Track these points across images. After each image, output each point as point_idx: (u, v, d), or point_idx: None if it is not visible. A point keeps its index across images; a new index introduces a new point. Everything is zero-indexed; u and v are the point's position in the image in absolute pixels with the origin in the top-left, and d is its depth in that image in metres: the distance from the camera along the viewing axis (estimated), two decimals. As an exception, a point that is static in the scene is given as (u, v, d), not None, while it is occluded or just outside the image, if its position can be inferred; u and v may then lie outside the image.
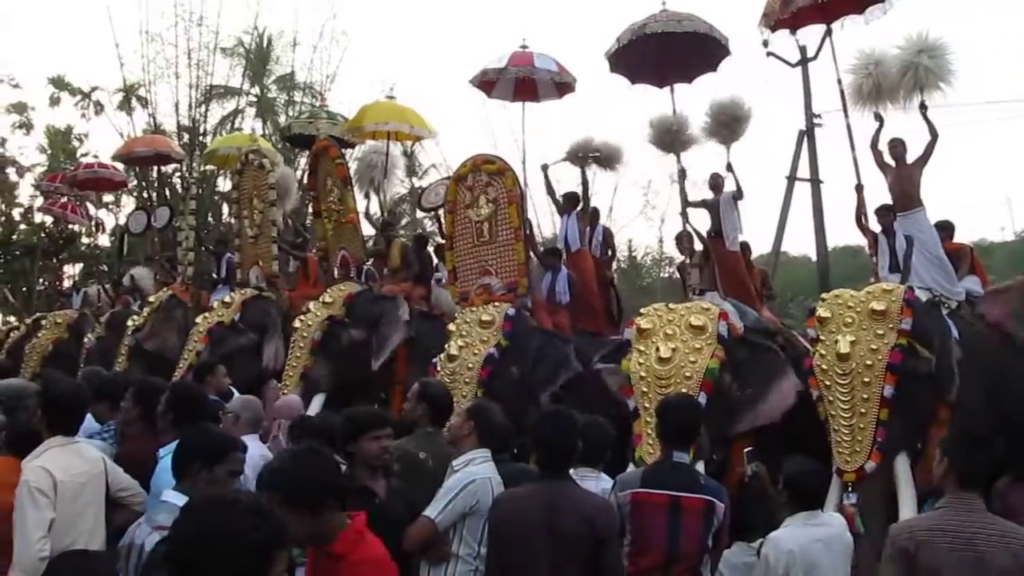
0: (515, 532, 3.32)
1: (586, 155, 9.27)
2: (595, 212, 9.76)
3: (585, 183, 9.38)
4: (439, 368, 6.92)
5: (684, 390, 5.59)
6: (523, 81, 9.38)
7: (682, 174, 7.92)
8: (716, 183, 8.22)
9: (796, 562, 3.66)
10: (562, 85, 9.55)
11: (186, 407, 4.05)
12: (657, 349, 5.78)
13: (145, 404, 4.32)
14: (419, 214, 25.25)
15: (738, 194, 8.04)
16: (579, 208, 9.16)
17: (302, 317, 7.82)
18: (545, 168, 9.26)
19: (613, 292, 9.22)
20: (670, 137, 7.88)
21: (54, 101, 26.33)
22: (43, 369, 9.73)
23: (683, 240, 7.98)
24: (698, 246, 7.90)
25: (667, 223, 27.62)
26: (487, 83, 9.38)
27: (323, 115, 13.00)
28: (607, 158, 9.37)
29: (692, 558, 3.60)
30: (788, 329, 7.33)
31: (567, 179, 9.88)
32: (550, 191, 9.41)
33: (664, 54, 7.47)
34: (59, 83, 25.97)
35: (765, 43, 16.02)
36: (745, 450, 4.87)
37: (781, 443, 5.79)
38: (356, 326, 7.70)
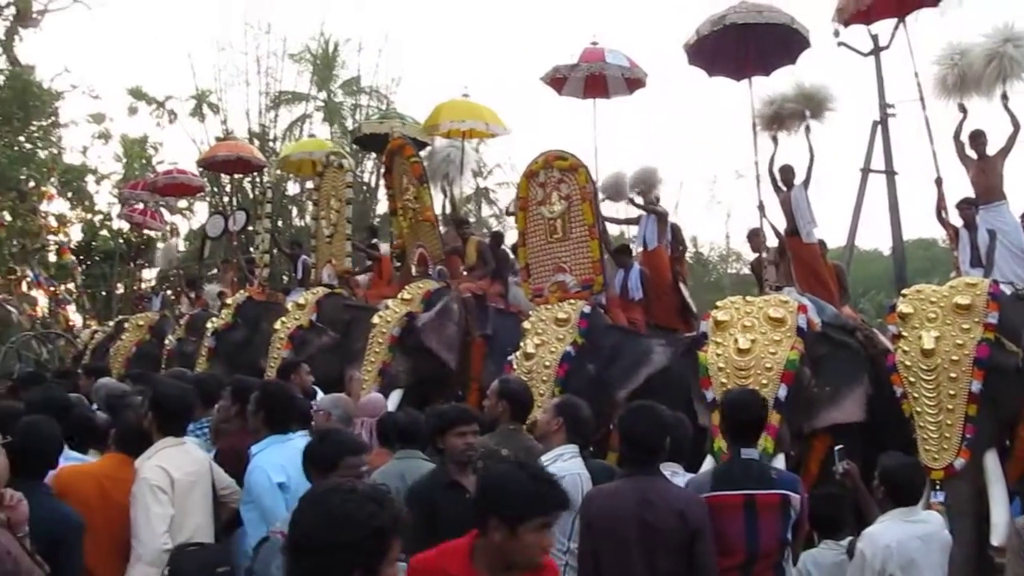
0: (608, 528, 3.34)
1: (625, 196, 9.26)
2: (664, 215, 9.73)
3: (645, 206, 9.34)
4: (515, 366, 6.96)
5: (764, 381, 5.55)
6: (593, 78, 9.38)
7: (771, 162, 7.81)
8: (787, 176, 8.10)
9: (893, 558, 3.61)
10: (633, 81, 9.53)
11: (277, 406, 4.18)
12: (735, 341, 5.72)
13: (243, 402, 4.47)
14: (485, 212, 25.48)
15: (807, 181, 7.91)
16: (657, 209, 9.16)
17: (381, 313, 7.88)
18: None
19: (683, 289, 9.15)
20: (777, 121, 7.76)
21: (132, 111, 27.14)
22: (128, 369, 10.00)
23: (757, 236, 7.88)
24: (772, 242, 7.79)
25: (733, 218, 27.37)
26: (558, 80, 9.40)
27: (394, 115, 13.18)
28: (647, 186, 9.31)
29: (772, 555, 3.57)
30: (868, 326, 7.19)
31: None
32: (613, 221, 9.43)
33: (743, 46, 7.37)
34: (137, 93, 26.76)
35: (836, 33, 15.72)
36: (836, 448, 4.79)
37: (861, 440, 5.74)
38: None
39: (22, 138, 16.97)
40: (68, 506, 3.45)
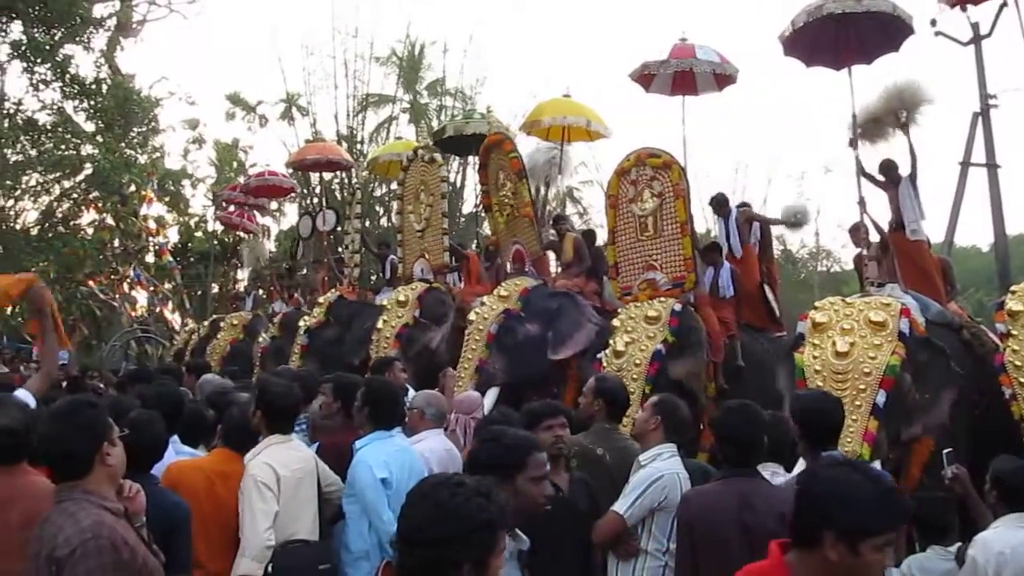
0: (708, 530, 3.29)
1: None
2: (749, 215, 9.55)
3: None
4: (605, 364, 6.93)
5: (862, 386, 5.42)
6: (682, 74, 9.23)
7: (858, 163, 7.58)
8: (889, 172, 7.83)
9: (1007, 565, 3.45)
10: (722, 77, 9.34)
11: (382, 403, 4.25)
12: (834, 343, 5.58)
13: (344, 399, 4.55)
14: (569, 210, 25.48)
15: (913, 176, 7.64)
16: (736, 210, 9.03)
17: (478, 310, 7.89)
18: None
19: (768, 293, 8.94)
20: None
21: (230, 116, 28.02)
22: (224, 367, 10.29)
23: (858, 232, 7.65)
24: (874, 237, 7.55)
25: (822, 214, 26.73)
26: (646, 77, 9.29)
27: (476, 115, 13.25)
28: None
29: None
30: (975, 323, 6.92)
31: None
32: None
33: (842, 35, 7.16)
34: (235, 99, 27.61)
35: (933, 22, 15.23)
36: (945, 451, 4.62)
37: (965, 443, 5.54)
38: (531, 321, 7.73)
39: (123, 144, 17.63)
40: (177, 495, 3.56)
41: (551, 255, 9.68)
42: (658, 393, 4.61)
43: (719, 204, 9.03)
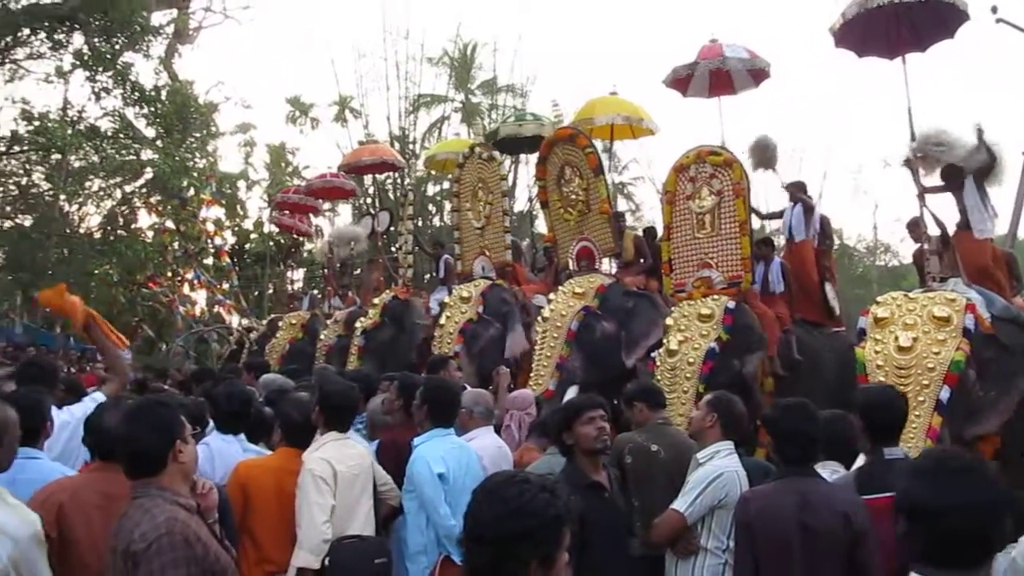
0: (767, 530, 3.26)
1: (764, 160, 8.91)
2: (810, 205, 9.38)
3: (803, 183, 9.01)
4: (658, 363, 6.89)
5: (926, 382, 5.35)
6: (717, 74, 9.11)
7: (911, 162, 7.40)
8: (951, 173, 7.62)
9: None
10: (757, 72, 9.21)
11: (441, 401, 4.31)
12: (896, 338, 5.50)
13: (407, 397, 4.64)
14: (621, 206, 25.38)
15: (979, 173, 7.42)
16: (804, 199, 8.87)
17: (552, 307, 7.80)
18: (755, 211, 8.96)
19: (828, 289, 8.77)
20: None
21: (290, 119, 28.48)
22: (283, 366, 10.44)
23: (917, 226, 7.49)
24: (935, 231, 7.39)
25: (881, 208, 26.23)
26: (679, 81, 9.17)
27: (529, 116, 13.23)
28: (760, 160, 8.95)
29: None
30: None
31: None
32: (755, 212, 9.12)
33: (894, 24, 7.01)
34: (294, 103, 28.06)
35: (994, 9, 14.79)
36: None
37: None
38: (609, 319, 7.66)
39: (182, 149, 18.01)
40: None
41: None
42: (712, 392, 4.56)
43: (797, 188, 8.88)
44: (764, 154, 8.76)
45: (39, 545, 2.76)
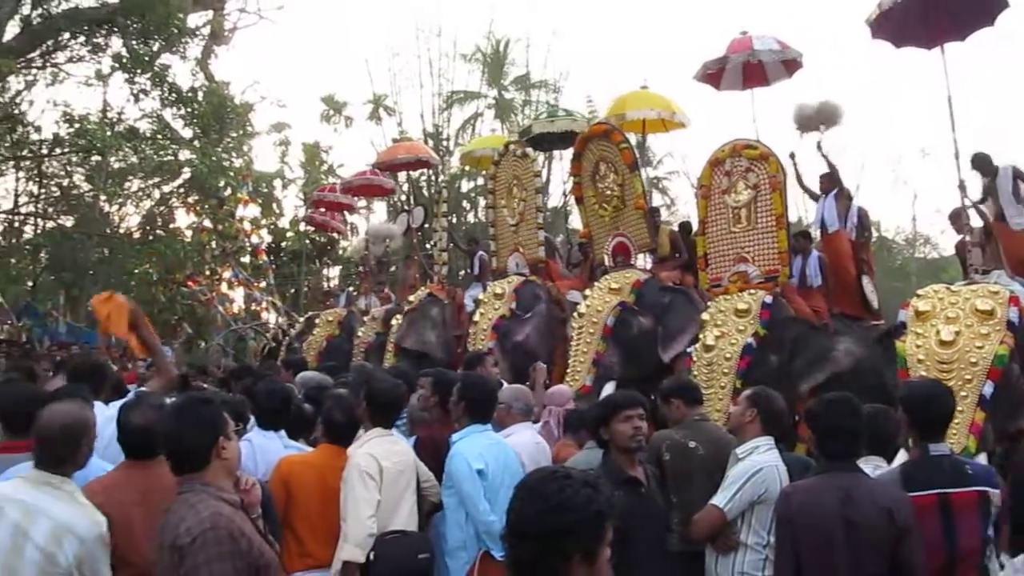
0: (809, 526, 3.23)
1: (808, 121, 8.76)
2: (849, 194, 9.27)
3: (832, 166, 8.91)
4: (694, 358, 6.85)
5: (968, 376, 5.25)
6: (750, 67, 9.04)
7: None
8: (983, 165, 7.52)
9: None
10: (789, 62, 9.13)
11: (478, 397, 4.33)
12: (938, 332, 5.41)
13: (443, 393, 4.66)
14: (657, 201, 25.28)
15: (1016, 169, 7.34)
16: (837, 189, 8.76)
17: (588, 303, 7.76)
18: (792, 156, 8.87)
19: (866, 283, 8.65)
20: None
21: (325, 118, 28.72)
22: (320, 363, 10.51)
23: (959, 218, 7.38)
24: (976, 223, 7.28)
25: (920, 199, 25.84)
26: (711, 76, 9.11)
27: (561, 112, 13.21)
28: (825, 117, 8.81)
29: (974, 555, 3.35)
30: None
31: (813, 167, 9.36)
32: (799, 180, 9.01)
33: (932, 13, 6.90)
34: (329, 101, 28.30)
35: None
36: None
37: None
38: (645, 314, 7.61)
39: (219, 149, 18.23)
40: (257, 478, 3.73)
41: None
42: (750, 387, 4.52)
43: (828, 179, 8.81)
44: (833, 113, 8.72)
45: (104, 546, 2.83)
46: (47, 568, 2.71)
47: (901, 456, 4.15)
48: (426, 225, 13.60)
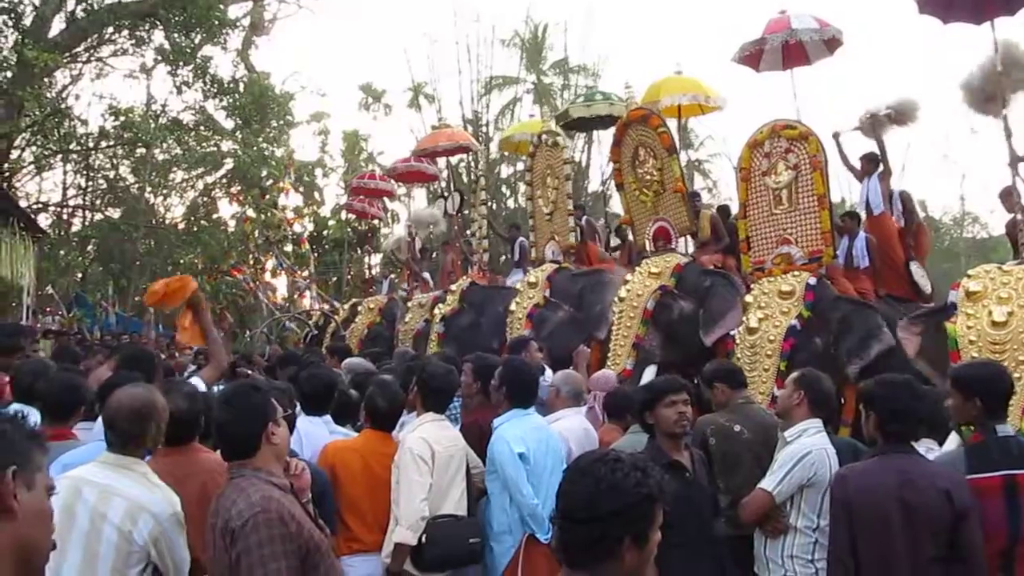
0: (867, 508, 3.19)
1: (879, 122, 8.66)
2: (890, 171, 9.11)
3: (882, 148, 8.76)
4: (738, 341, 6.81)
5: (1022, 357, 5.15)
6: (789, 46, 8.90)
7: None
8: None
9: None
10: (830, 41, 8.97)
11: (519, 381, 4.34)
12: (990, 313, 5.30)
13: (483, 379, 4.68)
14: (699, 183, 25.07)
15: None
16: (880, 169, 8.61)
17: (628, 287, 7.76)
18: (836, 136, 8.72)
19: (915, 269, 8.50)
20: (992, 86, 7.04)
21: (363, 106, 28.90)
22: (362, 350, 10.58)
23: (1010, 196, 7.20)
24: (1028, 201, 7.10)
25: (968, 179, 25.29)
26: (750, 57, 8.99)
27: (598, 96, 13.14)
28: (901, 115, 8.69)
29: None
30: None
31: (857, 146, 9.22)
32: (845, 160, 8.88)
33: (982, -15, 6.75)
34: (367, 90, 28.47)
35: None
36: None
37: None
38: (686, 298, 7.57)
39: (260, 139, 18.42)
40: (316, 465, 3.78)
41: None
42: (794, 370, 4.47)
43: (869, 161, 8.68)
44: (911, 110, 8.66)
45: (179, 525, 2.88)
46: (124, 547, 2.77)
47: (953, 439, 4.09)
48: (464, 211, 13.63)
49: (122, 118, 17.18)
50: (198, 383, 4.36)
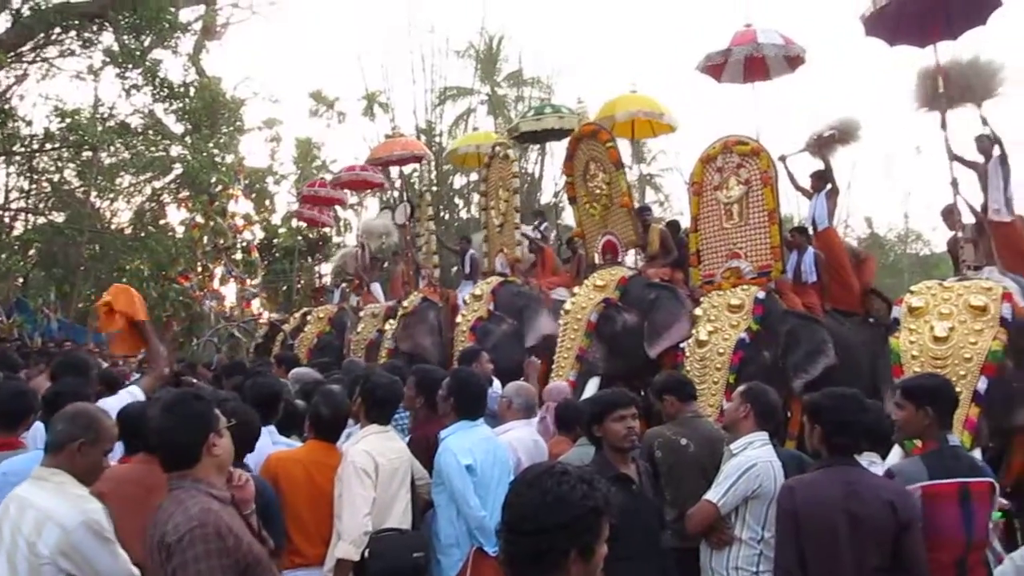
0: (814, 519, 3.23)
1: (824, 143, 8.83)
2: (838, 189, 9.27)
3: (829, 168, 8.91)
4: (687, 354, 6.87)
5: (963, 372, 5.29)
6: (752, 60, 9.01)
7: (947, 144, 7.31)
8: (984, 146, 7.57)
9: None
10: (792, 58, 9.11)
11: (467, 393, 4.30)
12: (931, 328, 5.44)
13: (426, 392, 4.63)
14: (650, 197, 25.28)
15: (1003, 157, 7.37)
16: (829, 187, 8.78)
17: (573, 300, 7.82)
18: (783, 159, 8.84)
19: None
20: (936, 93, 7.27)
21: (313, 113, 28.64)
22: (311, 359, 10.45)
23: (951, 214, 7.39)
24: (968, 219, 7.29)
25: (912, 196, 25.87)
26: (713, 68, 9.10)
27: (548, 110, 13.20)
28: (844, 134, 8.87)
29: (983, 546, 3.41)
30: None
31: (806, 167, 9.34)
32: (793, 182, 9.01)
33: (927, 11, 6.91)
34: (317, 97, 28.23)
35: (1029, -7, 14.41)
36: None
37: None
38: (630, 310, 7.62)
39: (211, 144, 18.14)
40: (263, 480, 3.72)
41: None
42: (742, 383, 4.51)
43: (818, 178, 8.84)
44: (854, 129, 8.82)
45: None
46: (31, 559, 2.69)
47: (895, 452, 4.15)
48: (415, 222, 13.56)
49: (68, 120, 16.78)
50: (136, 393, 4.26)
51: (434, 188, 19.09)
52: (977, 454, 4.87)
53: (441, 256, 12.77)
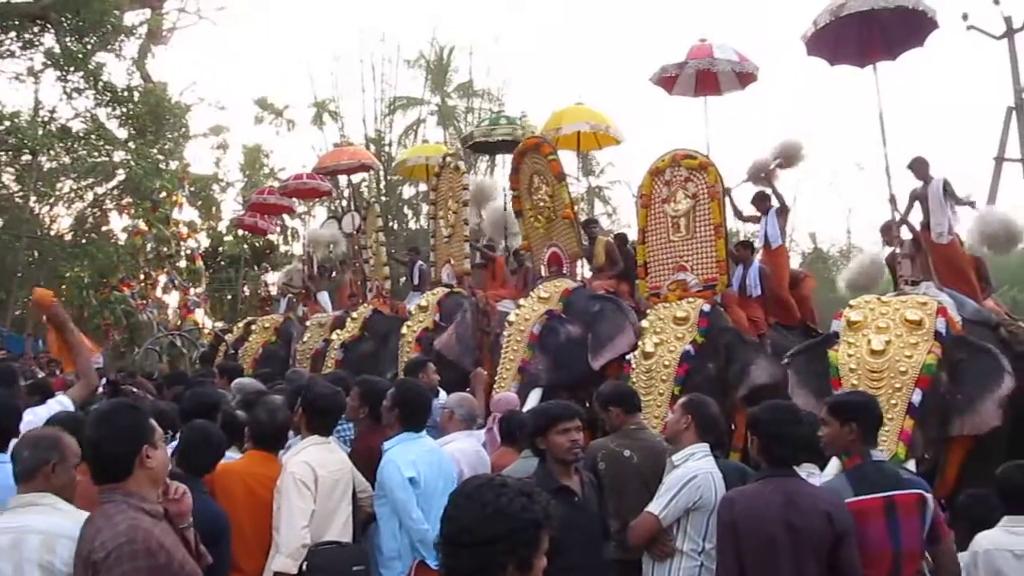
0: (753, 531, 3.25)
1: (769, 172, 8.99)
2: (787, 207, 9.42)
3: (777, 193, 9.05)
4: (634, 365, 6.91)
5: (898, 385, 5.41)
6: (704, 74, 9.13)
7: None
8: (921, 169, 7.76)
9: (979, 564, 3.61)
10: (744, 75, 9.25)
11: (412, 404, 4.26)
12: (869, 341, 5.55)
13: (370, 403, 4.58)
14: (598, 209, 25.43)
15: (946, 183, 7.57)
16: (778, 206, 8.92)
17: (517, 312, 7.84)
18: (728, 192, 8.94)
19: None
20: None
21: (258, 121, 28.27)
22: (255, 369, 10.31)
23: (890, 231, 7.56)
24: (906, 235, 7.47)
25: (855, 213, 26.41)
26: (667, 79, 9.21)
27: (503, 120, 13.21)
28: (788, 159, 9.05)
29: (916, 558, 3.43)
30: (1014, 320, 6.81)
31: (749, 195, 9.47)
32: (738, 214, 9.13)
33: (866, 32, 7.07)
34: (263, 104, 27.89)
35: (965, 16, 14.94)
36: None
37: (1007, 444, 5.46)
38: (574, 322, 7.65)
39: (155, 150, 17.84)
40: (218, 507, 3.64)
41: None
42: (687, 394, 4.55)
43: (761, 200, 8.97)
44: (796, 152, 9.02)
45: None
46: None
47: (834, 463, 4.22)
48: (360, 231, 13.47)
49: (7, 123, 16.39)
50: (65, 402, 4.14)
51: (383, 198, 18.95)
52: (911, 465, 5.00)
53: (391, 267, 12.69)
